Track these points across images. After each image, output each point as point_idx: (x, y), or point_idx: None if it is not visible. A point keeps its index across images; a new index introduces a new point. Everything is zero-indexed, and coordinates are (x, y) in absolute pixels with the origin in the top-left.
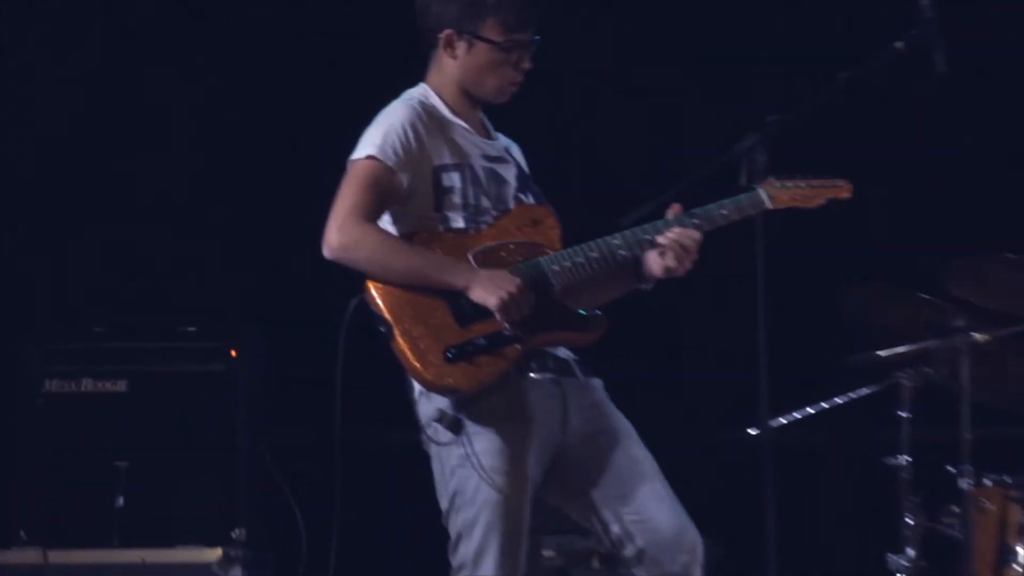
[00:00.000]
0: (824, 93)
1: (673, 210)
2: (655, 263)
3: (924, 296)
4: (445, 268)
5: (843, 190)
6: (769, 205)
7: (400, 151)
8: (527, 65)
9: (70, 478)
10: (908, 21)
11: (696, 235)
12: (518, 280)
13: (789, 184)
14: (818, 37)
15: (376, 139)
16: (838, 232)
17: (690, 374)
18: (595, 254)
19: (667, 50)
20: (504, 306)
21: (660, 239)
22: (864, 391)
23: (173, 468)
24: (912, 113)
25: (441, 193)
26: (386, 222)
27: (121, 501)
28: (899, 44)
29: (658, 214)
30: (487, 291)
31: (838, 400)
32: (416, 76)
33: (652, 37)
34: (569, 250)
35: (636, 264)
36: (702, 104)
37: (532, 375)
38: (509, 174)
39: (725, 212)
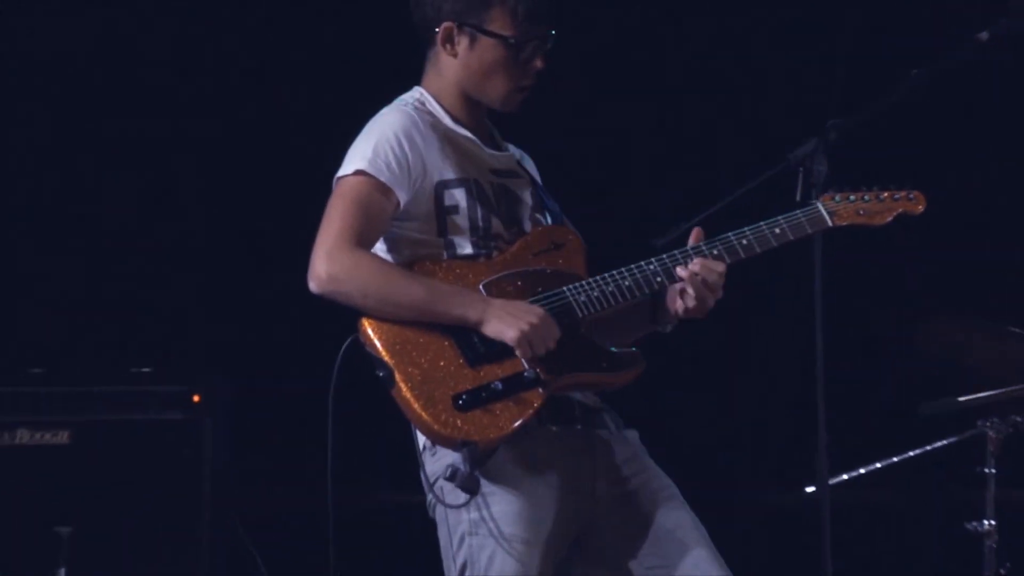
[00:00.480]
0: (894, 92)
1: (694, 236)
2: (673, 302)
3: (1016, 331)
4: (454, 299)
5: (917, 204)
6: (830, 223)
7: (395, 165)
8: (539, 65)
9: (3, 546)
10: (990, 10)
11: (720, 268)
12: (540, 311)
13: (852, 198)
14: (887, 27)
15: (366, 151)
16: (913, 255)
17: (739, 422)
18: (628, 282)
19: (709, 38)
20: (525, 341)
21: (680, 272)
22: (942, 443)
23: (124, 534)
24: (999, 113)
25: (444, 214)
26: (380, 251)
27: (63, 573)
28: (983, 35)
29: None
30: (504, 324)
31: (910, 453)
32: (413, 80)
33: (693, 24)
34: (598, 278)
35: (653, 301)
36: (751, 104)
37: (556, 427)
38: (523, 190)
39: (779, 231)
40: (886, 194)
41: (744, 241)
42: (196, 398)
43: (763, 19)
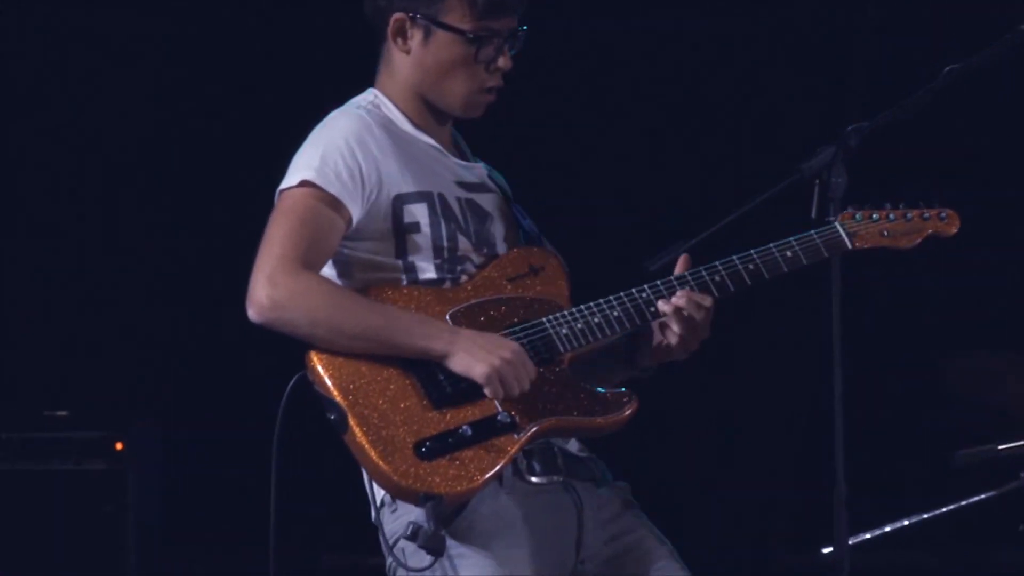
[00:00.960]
0: (924, 92)
1: (681, 264)
2: (657, 339)
3: None
4: (416, 328)
5: (950, 225)
6: (849, 245)
7: (346, 175)
8: (504, 65)
9: None
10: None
11: (707, 302)
12: (514, 345)
13: (876, 216)
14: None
15: (313, 160)
16: (942, 281)
17: (746, 473)
18: (617, 312)
19: (714, 34)
20: (496, 379)
21: (662, 306)
22: (978, 498)
23: None
24: None
25: (403, 232)
26: (329, 275)
27: None
28: None
29: (698, 255)
30: (473, 358)
31: (943, 509)
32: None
33: (694, 16)
34: (582, 307)
35: (631, 339)
36: (759, 108)
37: (535, 479)
38: (494, 207)
39: (790, 254)
40: (914, 212)
41: (751, 266)
42: (119, 445)
43: (772, 13)
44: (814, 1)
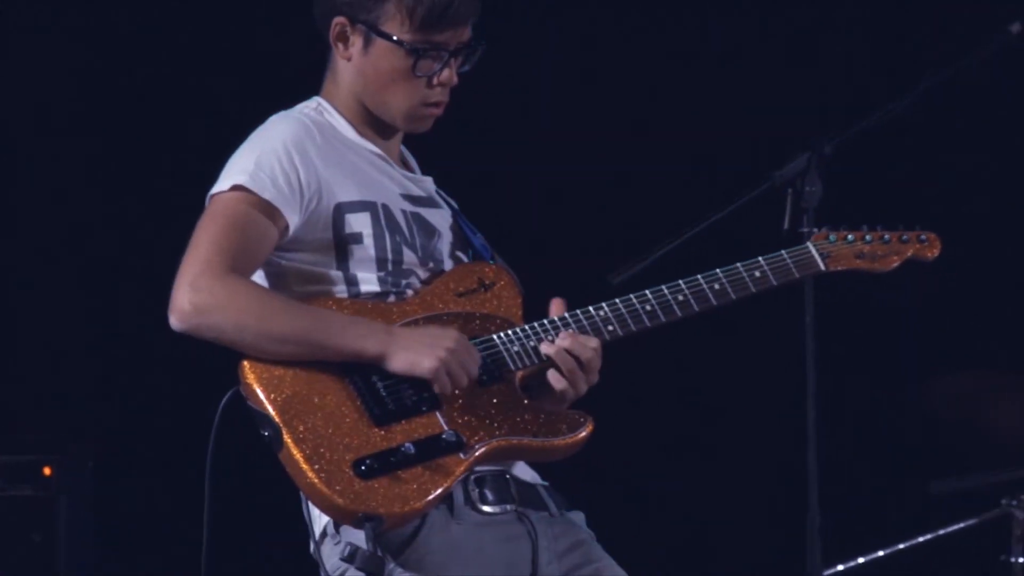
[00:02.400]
0: (904, 97)
1: (555, 307)
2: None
3: None
4: (348, 329)
5: (930, 249)
6: (822, 267)
7: (282, 181)
8: (448, 80)
9: None
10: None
11: (593, 343)
12: (455, 333)
13: (851, 238)
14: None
15: (247, 164)
16: (921, 300)
17: (714, 501)
18: (572, 328)
19: (680, 39)
20: (443, 371)
21: (544, 348)
22: (959, 526)
23: None
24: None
25: (345, 243)
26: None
27: None
28: (1016, 26)
29: (662, 269)
30: (416, 354)
31: (920, 539)
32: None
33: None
34: (535, 324)
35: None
36: (730, 113)
37: (488, 508)
38: (442, 222)
39: (759, 274)
40: (892, 235)
41: (716, 286)
42: (47, 470)
43: (743, 16)
44: (785, 3)
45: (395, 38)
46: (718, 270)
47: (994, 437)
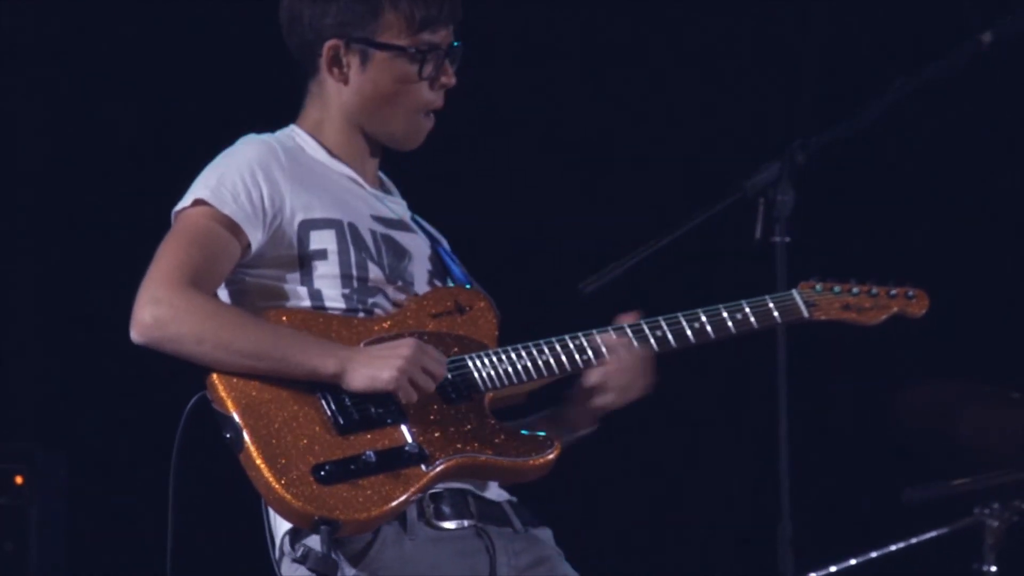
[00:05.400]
0: (875, 104)
1: (623, 317)
2: (586, 399)
3: (1020, 396)
4: (309, 347)
5: (917, 305)
6: (807, 315)
7: (244, 198)
8: (449, 81)
9: None
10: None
11: (643, 353)
12: (409, 339)
13: (838, 289)
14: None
15: (209, 181)
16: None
17: (686, 512)
18: (545, 357)
19: (652, 45)
20: (405, 379)
21: (598, 340)
22: (931, 534)
23: None
24: (1004, 133)
25: (309, 259)
26: (225, 301)
27: None
28: (986, 36)
29: (633, 278)
30: (374, 368)
31: (892, 548)
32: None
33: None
34: (508, 349)
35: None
36: (699, 121)
37: (443, 523)
38: (417, 247)
39: (740, 317)
40: (880, 289)
41: (696, 324)
42: (19, 479)
43: (715, 22)
44: (759, 10)
45: (397, 45)
46: (699, 310)
47: (961, 446)
